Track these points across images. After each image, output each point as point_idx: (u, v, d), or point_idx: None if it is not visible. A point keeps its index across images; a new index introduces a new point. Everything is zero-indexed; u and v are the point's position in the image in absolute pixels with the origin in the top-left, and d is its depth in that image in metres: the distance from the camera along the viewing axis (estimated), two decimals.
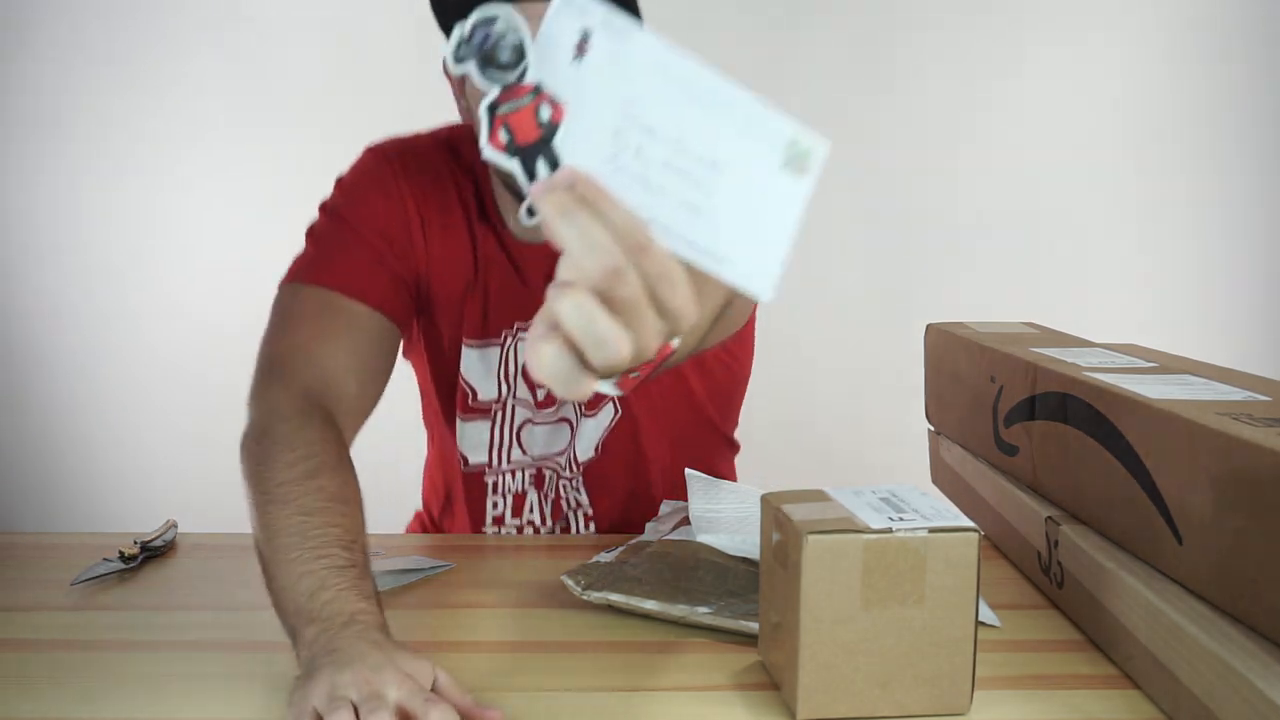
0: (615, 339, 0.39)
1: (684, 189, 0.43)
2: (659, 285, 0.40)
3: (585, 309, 0.39)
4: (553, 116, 0.43)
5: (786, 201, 0.44)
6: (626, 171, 0.43)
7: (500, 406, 1.03)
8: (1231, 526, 0.61)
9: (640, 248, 0.40)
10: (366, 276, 0.91)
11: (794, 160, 0.44)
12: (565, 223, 0.40)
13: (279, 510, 0.71)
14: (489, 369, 1.01)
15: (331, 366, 0.86)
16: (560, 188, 0.40)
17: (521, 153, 0.43)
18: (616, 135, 0.43)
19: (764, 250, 0.44)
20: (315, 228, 0.95)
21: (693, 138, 0.43)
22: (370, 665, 0.60)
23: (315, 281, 0.90)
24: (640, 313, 0.40)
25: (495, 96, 0.43)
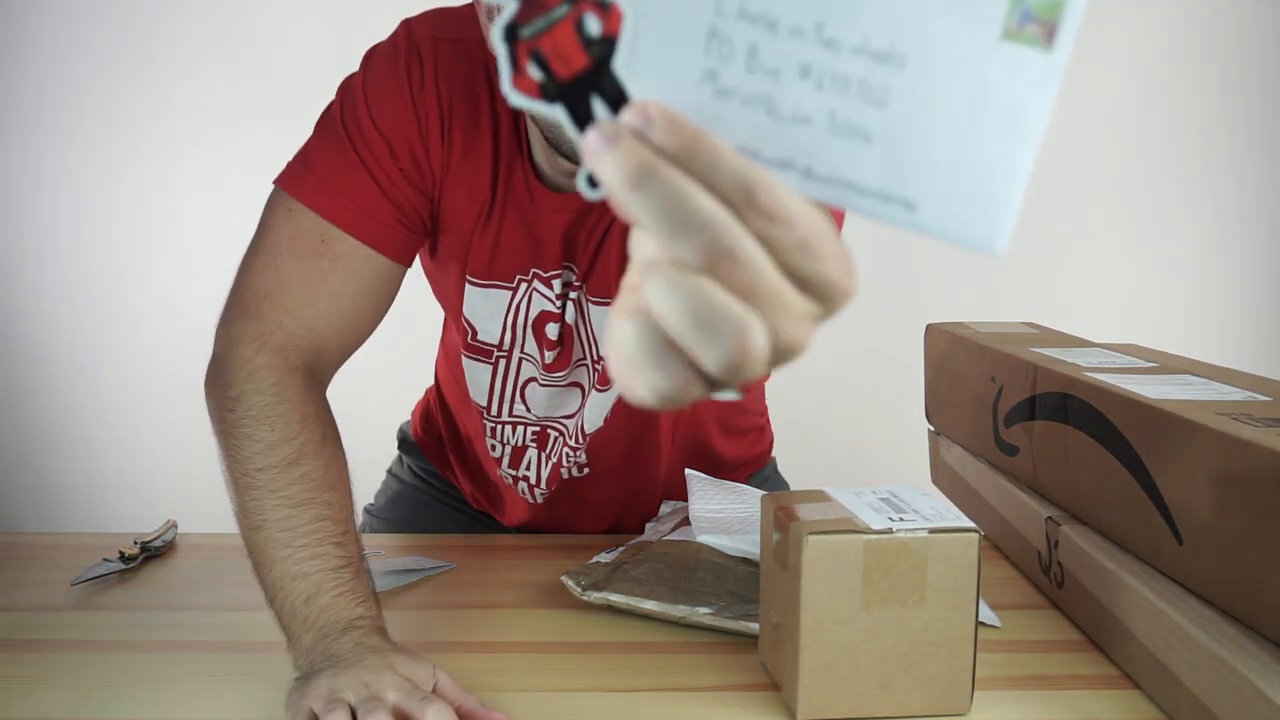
0: (738, 328, 0.28)
1: (838, 105, 0.29)
2: (798, 256, 0.29)
3: (688, 288, 0.28)
4: (606, 27, 0.30)
5: (1019, 96, 0.29)
6: (735, 94, 0.29)
7: (505, 355, 0.91)
8: (1232, 526, 0.61)
9: (766, 211, 0.28)
10: (370, 213, 0.79)
11: (1027, 20, 0.29)
12: (644, 194, 0.27)
13: (264, 500, 0.69)
14: (493, 312, 0.89)
15: (316, 314, 0.78)
16: (628, 138, 0.28)
17: (565, 91, 0.30)
18: (712, 37, 0.29)
19: (985, 181, 0.30)
20: (328, 123, 0.81)
21: (842, 16, 0.29)
22: (368, 668, 0.60)
23: (310, 203, 0.78)
24: (774, 297, 0.28)
25: (514, 12, 0.30)
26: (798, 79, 0.29)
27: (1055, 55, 0.29)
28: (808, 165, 0.30)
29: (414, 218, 0.82)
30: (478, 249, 0.85)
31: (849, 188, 0.30)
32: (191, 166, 2.06)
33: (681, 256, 0.28)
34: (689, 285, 0.28)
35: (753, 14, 0.29)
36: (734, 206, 0.28)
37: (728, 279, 0.28)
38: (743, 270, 0.28)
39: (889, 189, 0.30)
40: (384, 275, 0.81)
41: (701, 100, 0.29)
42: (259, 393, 0.73)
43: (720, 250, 0.27)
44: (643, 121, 0.28)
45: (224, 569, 0.92)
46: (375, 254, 0.79)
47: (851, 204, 0.30)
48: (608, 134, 0.28)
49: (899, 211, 0.30)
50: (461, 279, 0.87)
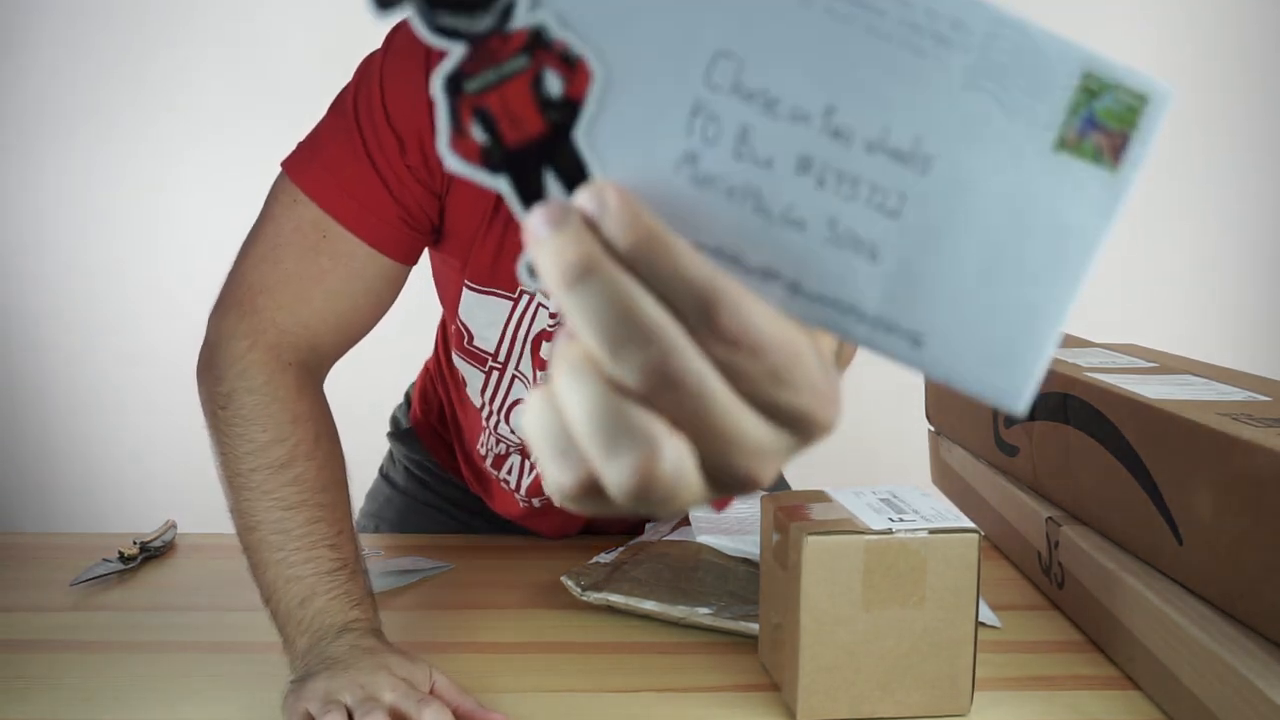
0: (645, 451, 0.24)
1: (841, 209, 0.24)
2: (767, 386, 0.24)
3: (595, 389, 0.24)
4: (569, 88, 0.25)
5: (1068, 222, 0.24)
6: (718, 183, 0.25)
7: (499, 367, 0.88)
8: (1232, 527, 0.61)
9: (730, 336, 0.24)
10: (374, 211, 0.76)
11: (1090, 129, 0.24)
12: (581, 295, 0.23)
13: (257, 501, 0.69)
14: (491, 320, 0.85)
15: (312, 312, 0.76)
16: (575, 225, 0.24)
17: (513, 159, 0.25)
18: (697, 113, 0.24)
19: (1014, 321, 0.25)
20: (341, 107, 0.78)
21: (859, 101, 0.24)
22: (364, 669, 0.60)
23: (314, 196, 0.75)
24: (726, 431, 0.24)
25: (460, 59, 0.25)
26: (795, 173, 0.24)
27: (1121, 175, 0.24)
28: (795, 279, 0.25)
29: (420, 217, 0.78)
30: (479, 253, 0.82)
31: (844, 310, 0.25)
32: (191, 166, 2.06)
33: (629, 376, 0.24)
34: (596, 386, 0.24)
35: (749, 89, 0.24)
36: (689, 324, 0.24)
37: (667, 408, 0.24)
38: (687, 400, 0.24)
39: (893, 317, 0.25)
40: (386, 275, 0.78)
41: (675, 187, 0.24)
42: (250, 391, 0.72)
43: (662, 376, 0.23)
44: (596, 206, 0.24)
45: (223, 569, 0.92)
46: (377, 253, 0.76)
47: (844, 329, 0.25)
48: (553, 216, 0.24)
49: (901, 345, 0.25)
50: (459, 281, 0.85)
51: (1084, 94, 0.23)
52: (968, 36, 0.23)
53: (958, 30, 0.23)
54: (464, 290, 0.85)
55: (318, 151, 0.77)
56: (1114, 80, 0.23)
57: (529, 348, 0.85)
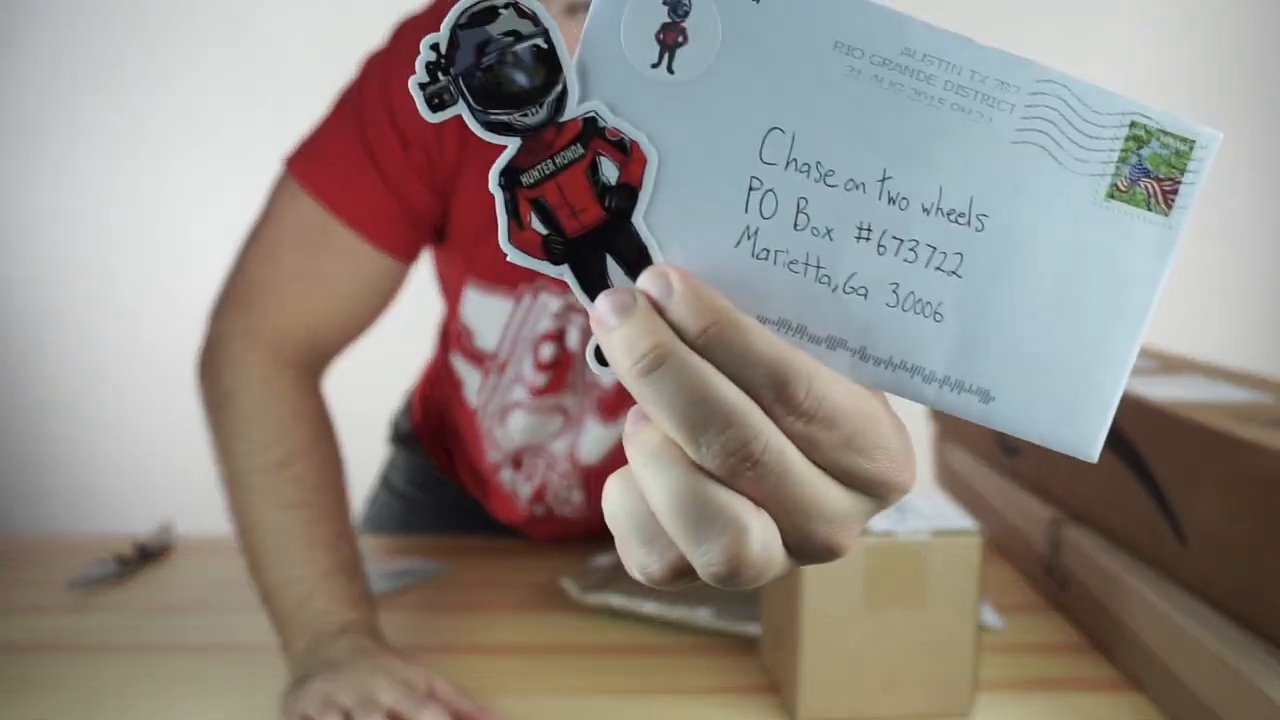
0: (732, 535, 0.24)
1: (902, 273, 0.25)
2: (842, 455, 0.25)
3: (678, 475, 0.24)
4: (625, 173, 0.25)
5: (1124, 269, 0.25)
6: (779, 256, 0.25)
7: (497, 367, 0.86)
8: (1237, 529, 0.61)
9: (805, 410, 0.24)
10: (376, 209, 0.75)
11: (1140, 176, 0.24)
12: (657, 383, 0.23)
13: (256, 501, 0.69)
14: (493, 318, 0.84)
15: (313, 311, 0.75)
16: (643, 311, 0.24)
17: (574, 248, 0.26)
18: (754, 189, 0.25)
19: (1079, 370, 0.25)
20: (346, 103, 0.77)
21: (911, 166, 0.24)
22: (362, 671, 0.60)
23: (316, 194, 0.74)
24: (806, 503, 0.24)
25: (514, 153, 0.26)
26: (855, 241, 0.25)
27: (1174, 219, 0.24)
28: (863, 345, 0.25)
29: (423, 215, 0.78)
30: (485, 251, 0.81)
31: (912, 372, 0.25)
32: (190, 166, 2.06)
33: (706, 459, 0.24)
34: (679, 471, 0.24)
35: (804, 161, 0.24)
36: (763, 402, 0.24)
37: (749, 487, 0.24)
38: (769, 477, 0.24)
39: (961, 375, 0.25)
40: (387, 273, 0.77)
41: (737, 263, 0.25)
42: (249, 391, 0.71)
43: (744, 456, 0.24)
44: (663, 290, 0.24)
45: (221, 571, 0.91)
46: (379, 252, 0.75)
47: (915, 392, 0.25)
48: (619, 304, 0.24)
49: (972, 403, 0.25)
50: (463, 279, 0.84)
51: (1132, 142, 0.24)
52: (1013, 94, 0.24)
53: (1003, 89, 0.24)
54: (467, 289, 0.84)
55: (320, 149, 0.76)
56: (1160, 127, 0.24)
57: (530, 348, 0.84)
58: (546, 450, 0.90)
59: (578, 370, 0.85)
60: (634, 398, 0.24)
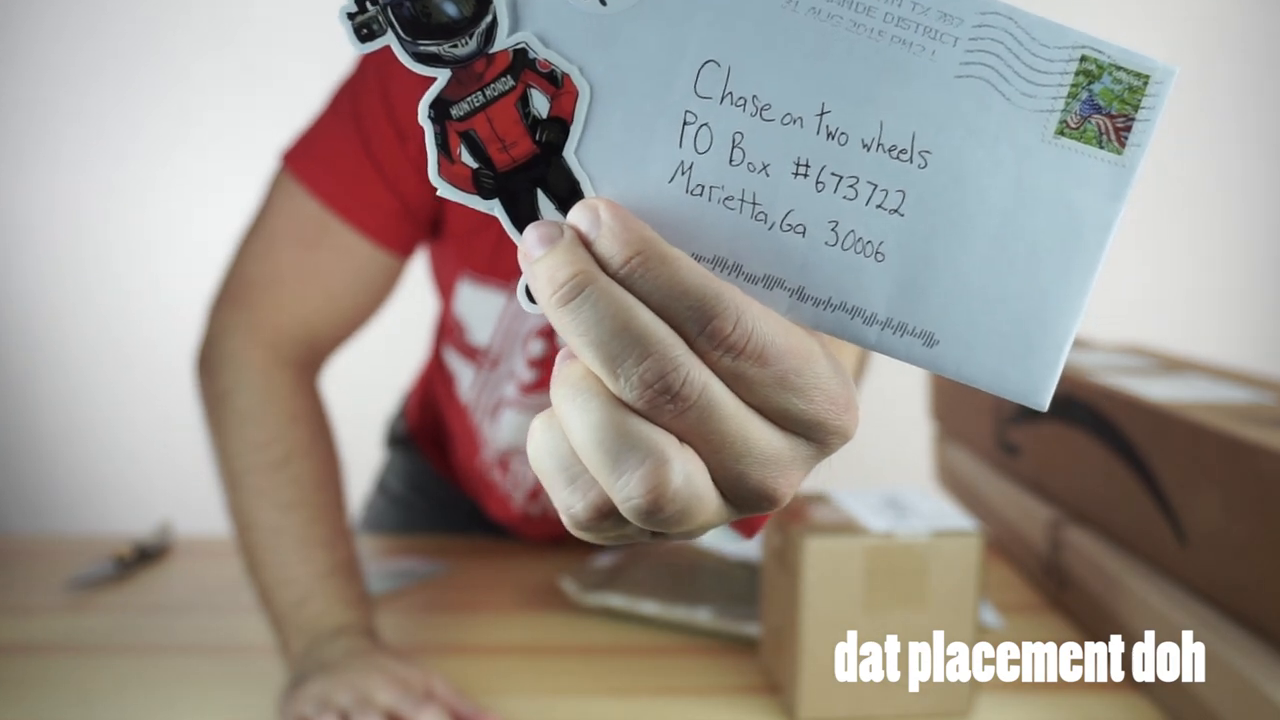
0: (651, 465, 0.23)
1: (842, 210, 0.24)
2: (776, 394, 0.24)
3: (597, 404, 0.24)
4: (556, 106, 0.25)
5: (1075, 209, 0.24)
6: (714, 192, 0.24)
7: (489, 363, 0.86)
8: (1237, 529, 0.61)
9: (732, 344, 0.23)
10: (373, 204, 0.75)
11: (1091, 112, 0.23)
12: (575, 312, 0.23)
13: (253, 501, 0.68)
14: (486, 313, 0.84)
15: (311, 308, 0.75)
16: (567, 243, 0.24)
17: (504, 182, 0.25)
18: (688, 122, 0.24)
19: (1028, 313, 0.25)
20: (341, 98, 0.77)
21: (852, 100, 0.23)
22: (358, 671, 0.60)
23: (313, 189, 0.74)
24: (735, 441, 0.24)
25: (443, 85, 0.25)
26: (792, 177, 0.24)
27: (1128, 157, 0.23)
28: (801, 284, 0.24)
29: (419, 210, 0.77)
30: (479, 245, 0.81)
31: (853, 313, 0.24)
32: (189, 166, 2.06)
33: (628, 393, 0.23)
34: (598, 403, 0.23)
35: (740, 95, 0.23)
36: (689, 336, 0.23)
37: (672, 422, 0.23)
38: (692, 412, 0.23)
39: (904, 318, 0.24)
40: (384, 269, 0.77)
41: (671, 199, 0.24)
42: (247, 389, 0.71)
43: (663, 388, 0.23)
44: (591, 222, 0.24)
45: (219, 572, 0.91)
46: (376, 248, 0.75)
47: (855, 334, 0.25)
48: (545, 235, 0.24)
49: (915, 346, 0.25)
50: (457, 274, 0.83)
51: (1083, 76, 0.23)
52: (957, 26, 0.23)
53: (946, 21, 0.23)
54: (461, 283, 0.83)
55: (316, 144, 0.76)
56: (1113, 61, 0.23)
57: (521, 343, 0.83)
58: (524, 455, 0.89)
59: None
60: None
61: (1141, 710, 0.66)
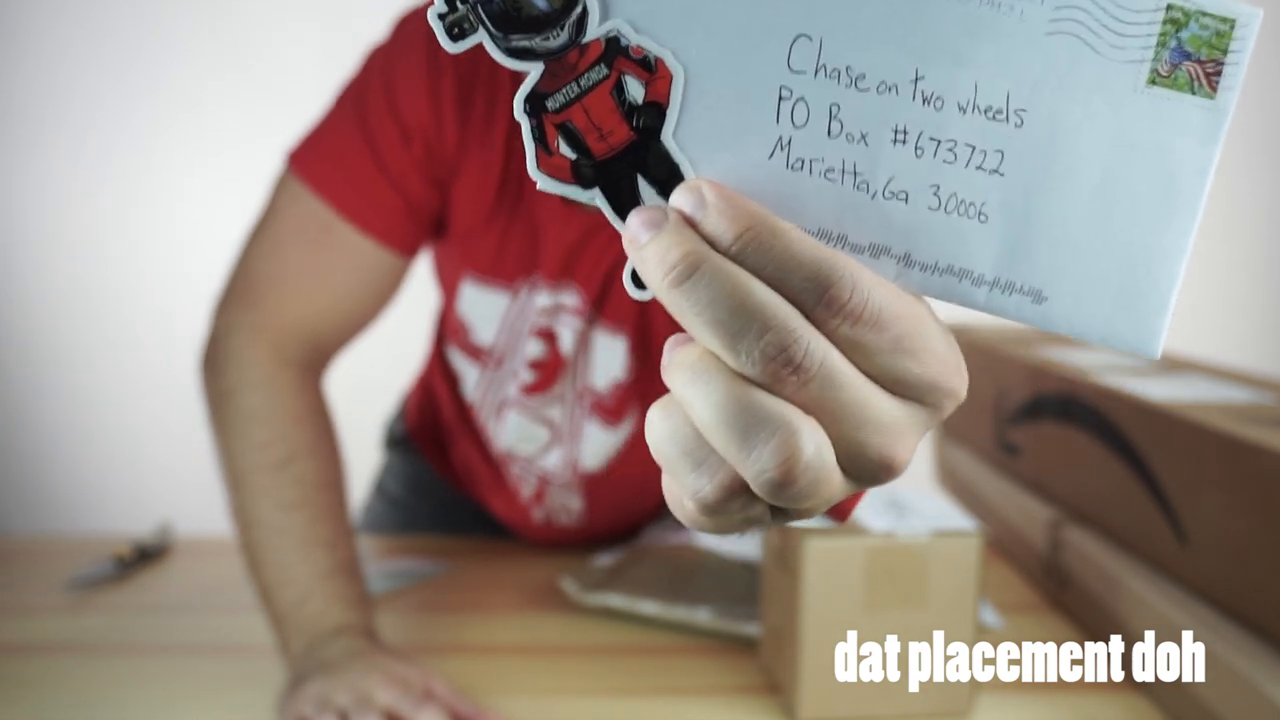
0: (781, 439, 0.23)
1: (943, 175, 0.24)
2: (891, 359, 0.24)
3: (719, 383, 0.24)
4: (651, 91, 0.24)
5: (1172, 156, 0.24)
6: (814, 165, 0.24)
7: (494, 362, 0.85)
8: (1238, 528, 0.61)
9: (849, 311, 0.23)
10: (377, 204, 0.75)
11: (1181, 59, 0.23)
12: (690, 293, 0.23)
13: (256, 500, 0.69)
14: (489, 313, 0.83)
15: (316, 308, 0.75)
16: (674, 225, 0.24)
17: (604, 170, 0.25)
18: (784, 98, 0.24)
19: (1134, 264, 0.25)
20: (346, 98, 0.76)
21: (944, 64, 0.24)
22: (357, 671, 0.60)
23: (318, 190, 0.74)
24: (855, 409, 0.24)
25: (537, 79, 0.25)
26: (891, 144, 0.24)
27: (1221, 100, 0.24)
28: (907, 250, 0.25)
29: (423, 209, 0.77)
30: (483, 245, 0.80)
31: (960, 276, 0.25)
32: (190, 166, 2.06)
33: (750, 368, 0.23)
34: (722, 380, 0.23)
35: (833, 66, 0.24)
36: (805, 307, 0.23)
37: (795, 394, 0.23)
38: (814, 383, 0.23)
39: (1012, 276, 0.24)
40: (389, 269, 0.77)
41: (772, 175, 0.24)
42: (251, 389, 0.71)
43: (785, 360, 0.23)
44: (696, 203, 0.24)
45: (219, 572, 0.91)
46: (380, 247, 0.75)
47: (965, 296, 0.25)
48: (650, 219, 0.24)
49: (1025, 304, 0.25)
50: (460, 273, 0.83)
51: (1170, 25, 0.23)
52: None
53: None
54: (465, 283, 0.83)
55: (321, 144, 0.76)
56: (1198, 8, 0.23)
57: (524, 343, 0.83)
58: (536, 464, 0.89)
59: (568, 378, 0.84)
60: (674, 320, 0.24)
61: (1141, 710, 0.66)
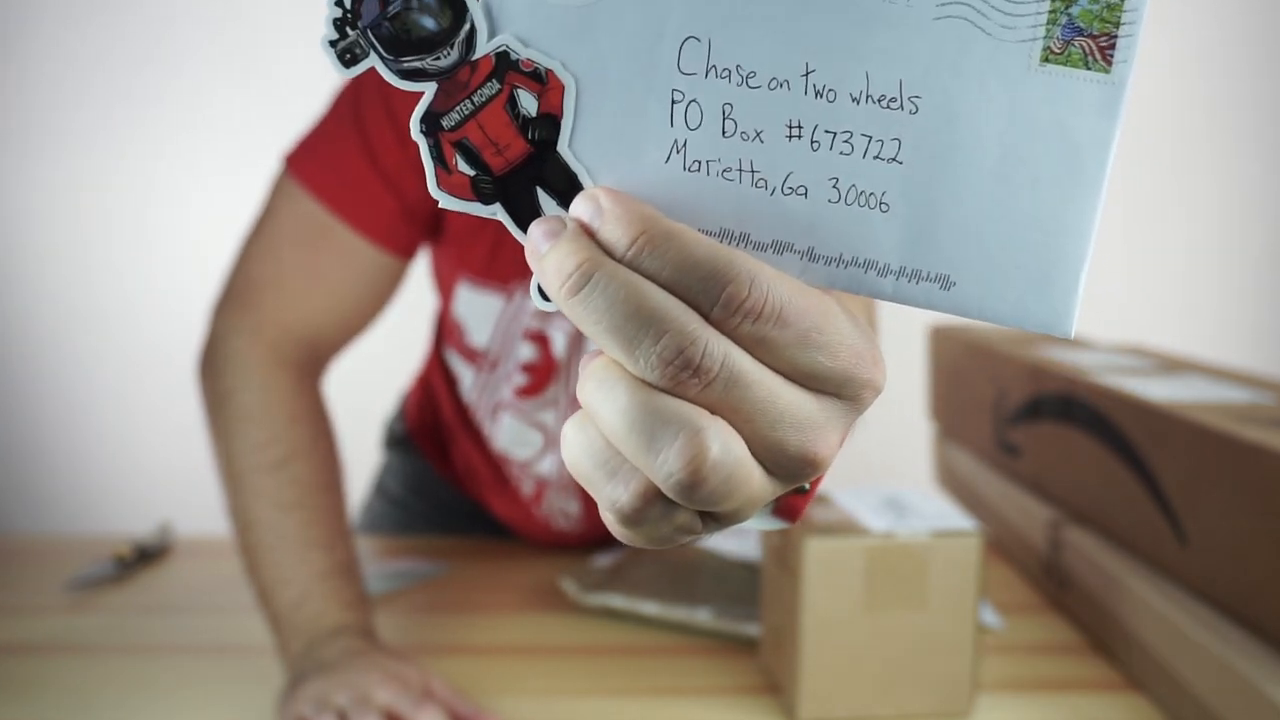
0: (686, 439, 0.23)
1: (840, 167, 0.24)
2: (800, 354, 0.24)
3: (623, 388, 0.24)
4: (544, 103, 0.25)
5: (1071, 132, 0.24)
6: (711, 165, 0.24)
7: (489, 365, 0.86)
8: (1238, 529, 0.61)
9: (749, 309, 0.23)
10: (374, 206, 0.75)
11: (1073, 35, 0.23)
12: (586, 301, 0.23)
13: (253, 501, 0.69)
14: (485, 316, 0.84)
15: (314, 309, 0.75)
16: (570, 234, 0.24)
17: (503, 185, 0.25)
18: (676, 101, 0.24)
19: (1040, 242, 0.24)
20: (343, 101, 0.77)
21: (834, 55, 0.23)
22: (357, 670, 0.60)
23: (314, 191, 0.74)
24: (764, 407, 0.24)
25: (431, 98, 0.25)
26: (787, 140, 0.24)
27: (1116, 74, 0.23)
28: (810, 245, 0.24)
29: (420, 211, 0.77)
30: (477, 246, 0.81)
31: (866, 267, 0.24)
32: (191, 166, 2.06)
33: (652, 374, 0.23)
34: (624, 387, 0.24)
35: (723, 66, 0.24)
36: (704, 308, 0.23)
37: (700, 396, 0.23)
38: (717, 383, 0.23)
39: (917, 264, 0.24)
40: (386, 271, 0.77)
41: (670, 178, 0.24)
42: (249, 390, 0.72)
43: (685, 362, 0.23)
44: (593, 211, 0.24)
45: (219, 572, 0.91)
46: (378, 250, 0.76)
47: (872, 287, 0.25)
48: (550, 229, 0.24)
49: (933, 291, 0.24)
50: (456, 275, 0.84)
51: (1060, 2, 0.23)
52: None
53: None
54: (460, 285, 0.84)
55: (318, 146, 0.77)
56: None
57: (517, 345, 0.84)
58: (532, 469, 0.90)
59: (562, 383, 0.84)
60: None
61: (1141, 710, 0.66)
